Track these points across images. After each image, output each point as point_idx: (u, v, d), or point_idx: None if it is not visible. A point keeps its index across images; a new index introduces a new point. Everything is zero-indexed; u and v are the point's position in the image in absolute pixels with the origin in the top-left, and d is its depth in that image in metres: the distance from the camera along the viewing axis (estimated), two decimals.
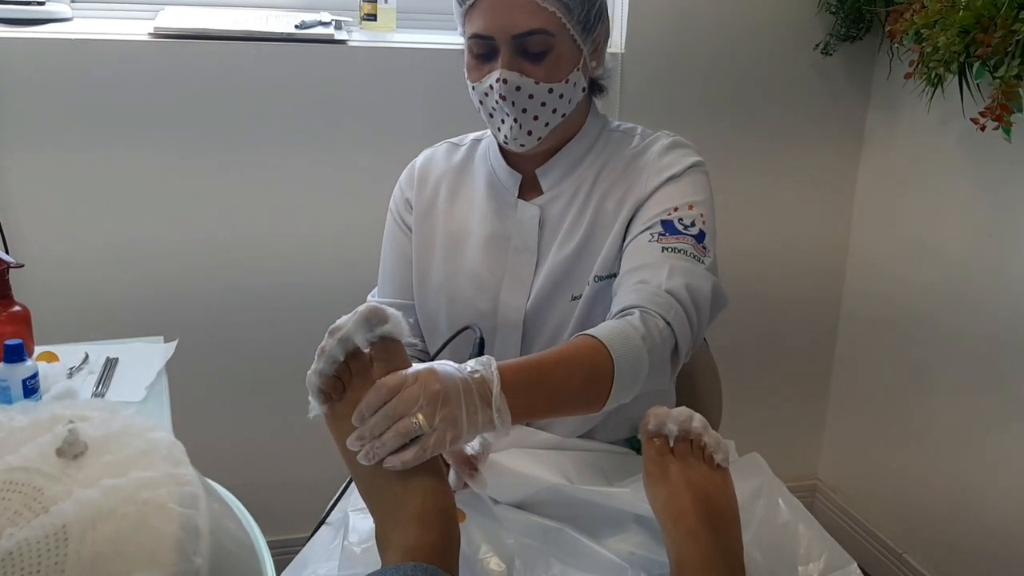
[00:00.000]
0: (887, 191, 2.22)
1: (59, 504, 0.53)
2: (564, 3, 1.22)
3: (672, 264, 1.19)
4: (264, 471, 2.07)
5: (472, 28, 1.24)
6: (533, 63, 1.23)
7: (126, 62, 1.81)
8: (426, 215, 1.40)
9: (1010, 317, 1.90)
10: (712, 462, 1.08)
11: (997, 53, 1.64)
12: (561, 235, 1.32)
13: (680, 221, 1.24)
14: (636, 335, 1.10)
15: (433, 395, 0.92)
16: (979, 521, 2.03)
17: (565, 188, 1.34)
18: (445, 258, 1.37)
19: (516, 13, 1.20)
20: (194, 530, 0.55)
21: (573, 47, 1.25)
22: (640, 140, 1.36)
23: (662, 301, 1.16)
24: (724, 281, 1.26)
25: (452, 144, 1.46)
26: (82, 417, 0.59)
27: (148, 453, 0.57)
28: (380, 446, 0.91)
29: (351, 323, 0.93)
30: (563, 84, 1.25)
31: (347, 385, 0.94)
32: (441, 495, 0.94)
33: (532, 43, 1.22)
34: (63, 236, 1.86)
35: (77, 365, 1.51)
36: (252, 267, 1.98)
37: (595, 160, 1.34)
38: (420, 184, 1.42)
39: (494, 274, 1.34)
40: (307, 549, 1.27)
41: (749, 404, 2.22)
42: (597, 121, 1.37)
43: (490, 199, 1.37)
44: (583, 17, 1.24)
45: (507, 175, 1.36)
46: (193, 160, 1.88)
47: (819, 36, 2.15)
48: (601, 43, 1.30)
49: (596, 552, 1.12)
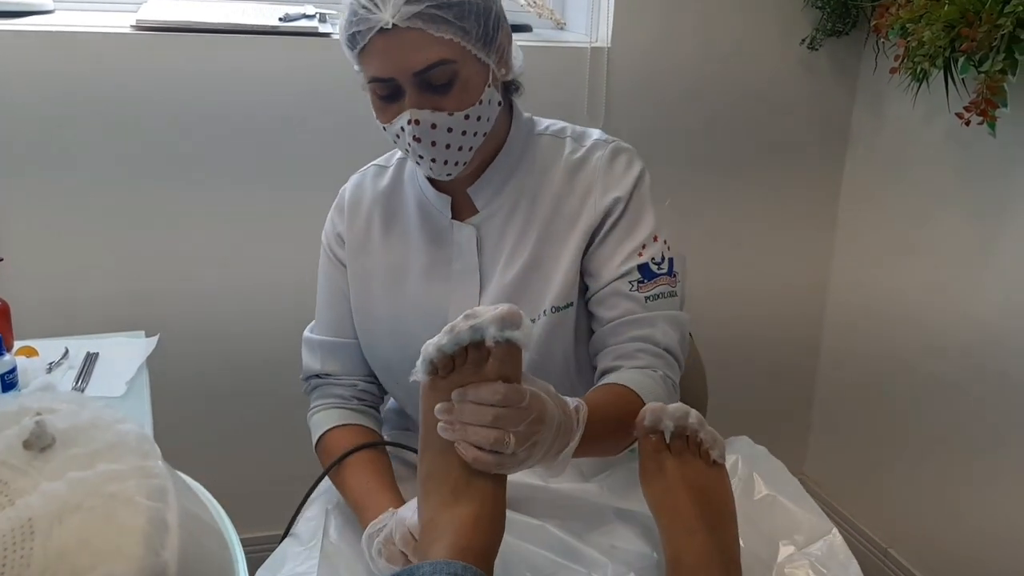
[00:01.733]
0: (873, 185, 2.23)
1: (25, 497, 0.52)
2: (459, 27, 1.14)
3: (661, 316, 1.24)
4: (243, 467, 2.06)
5: (370, 72, 1.16)
6: (441, 95, 1.15)
7: (108, 54, 1.79)
8: (360, 250, 1.35)
9: (996, 313, 1.90)
10: (708, 458, 1.09)
11: (982, 48, 1.64)
12: (505, 256, 1.27)
13: (653, 260, 1.25)
14: (667, 399, 1.17)
15: (533, 424, 0.94)
16: (964, 516, 2.04)
17: (501, 204, 1.29)
18: (387, 293, 1.32)
19: (411, 51, 1.12)
20: (162, 524, 0.54)
21: (478, 65, 1.17)
22: (574, 144, 1.31)
23: (668, 360, 1.24)
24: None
25: (378, 167, 1.39)
26: (50, 409, 0.58)
27: (116, 446, 0.57)
28: (463, 431, 0.93)
29: (488, 316, 0.94)
30: (477, 106, 1.18)
31: (457, 368, 0.95)
32: (499, 503, 0.96)
33: (435, 76, 1.14)
34: (42, 229, 1.84)
35: (57, 360, 1.51)
36: (235, 262, 1.97)
37: (529, 170, 1.29)
38: (351, 216, 1.36)
39: (439, 303, 1.29)
40: (284, 546, 1.26)
41: (734, 398, 2.22)
42: (522, 127, 1.31)
43: (424, 224, 1.32)
44: (481, 34, 1.16)
45: (437, 198, 1.31)
46: (175, 153, 1.87)
47: (805, 31, 2.15)
48: (505, 47, 1.22)
49: (577, 548, 1.12)
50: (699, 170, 2.20)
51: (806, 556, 1.15)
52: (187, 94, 1.85)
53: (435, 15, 1.12)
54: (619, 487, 1.20)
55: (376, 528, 1.15)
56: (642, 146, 2.13)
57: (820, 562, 1.14)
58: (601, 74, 2.05)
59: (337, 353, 1.37)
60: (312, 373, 1.38)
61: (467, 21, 1.14)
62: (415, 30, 1.11)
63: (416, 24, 1.11)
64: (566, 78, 2.04)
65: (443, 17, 1.12)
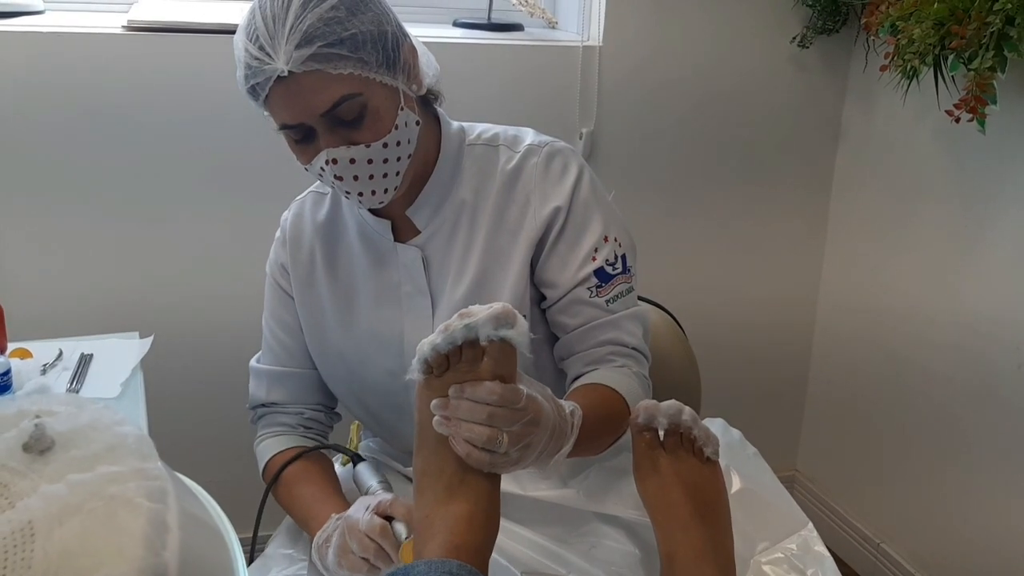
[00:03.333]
0: (863, 181, 2.23)
1: (25, 500, 0.52)
2: (357, 59, 1.09)
3: (624, 316, 1.26)
4: (238, 467, 2.06)
5: (278, 119, 1.14)
6: (354, 129, 1.12)
7: (99, 55, 1.79)
8: (307, 280, 1.33)
9: (986, 308, 1.92)
10: (702, 455, 1.09)
11: (971, 45, 1.65)
12: (452, 274, 1.26)
13: (607, 262, 1.25)
14: (644, 396, 1.21)
15: (528, 425, 0.95)
16: (956, 510, 2.05)
17: (442, 221, 1.27)
18: (339, 323, 1.31)
19: (312, 94, 1.09)
20: (162, 525, 0.54)
21: (386, 91, 1.13)
22: (508, 152, 1.28)
23: (638, 358, 1.26)
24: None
25: (317, 194, 1.36)
26: (49, 412, 0.58)
27: (116, 448, 0.57)
28: (457, 427, 0.93)
29: (483, 315, 0.94)
30: (393, 132, 1.14)
31: (451, 366, 0.96)
32: (493, 501, 0.96)
33: (344, 112, 1.11)
34: (36, 230, 1.84)
35: (51, 361, 1.50)
36: (229, 262, 1.96)
37: (467, 184, 1.27)
38: (294, 248, 1.34)
39: (393, 327, 1.27)
40: (269, 549, 1.26)
41: (727, 394, 2.22)
42: (453, 140, 1.28)
43: (367, 250, 1.29)
44: (382, 59, 1.12)
45: (376, 223, 1.28)
46: (168, 154, 1.87)
47: (796, 29, 2.16)
48: (411, 63, 1.18)
49: (557, 552, 1.12)
50: (690, 167, 2.21)
51: (782, 551, 1.16)
52: (179, 94, 1.84)
53: (329, 54, 1.08)
54: (596, 490, 1.21)
55: (323, 537, 1.14)
56: (634, 144, 2.16)
57: (796, 556, 1.15)
58: (593, 73, 2.06)
59: (284, 382, 1.35)
60: (258, 403, 1.37)
61: (363, 51, 1.10)
62: (312, 72, 1.08)
63: (312, 66, 1.07)
64: (558, 77, 2.05)
65: (337, 54, 1.08)
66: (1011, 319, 1.86)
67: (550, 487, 1.22)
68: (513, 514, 1.16)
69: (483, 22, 2.08)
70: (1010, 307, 1.86)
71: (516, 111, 1.96)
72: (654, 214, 2.20)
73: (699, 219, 2.25)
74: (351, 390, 1.33)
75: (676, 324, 1.62)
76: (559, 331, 1.28)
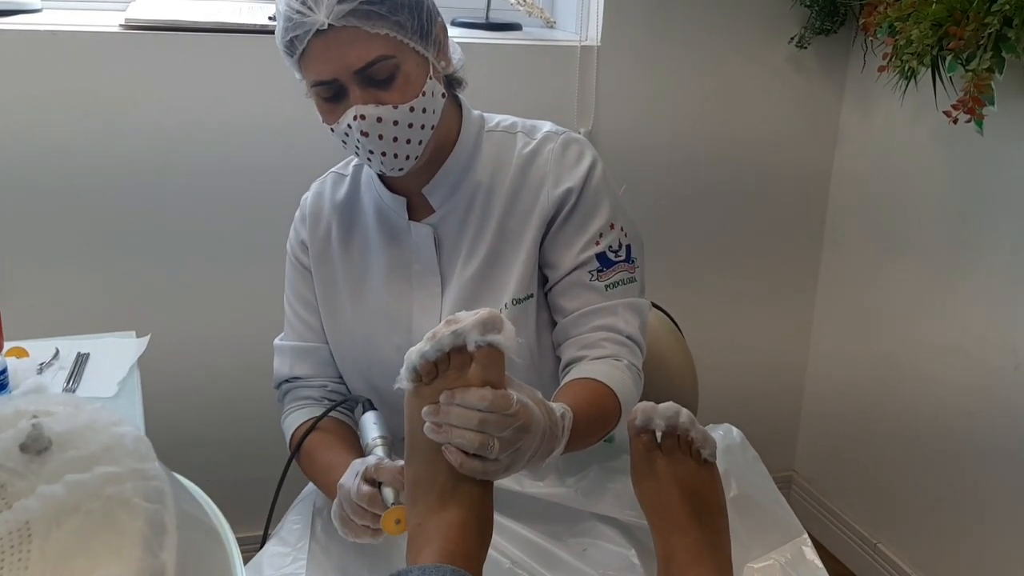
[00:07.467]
0: (861, 182, 2.24)
1: (23, 500, 0.52)
2: (395, 21, 1.15)
3: (622, 304, 1.27)
4: (235, 467, 2.06)
5: (312, 76, 1.18)
6: (384, 89, 1.17)
7: (96, 54, 1.78)
8: (322, 256, 1.37)
9: (983, 308, 1.92)
10: (699, 457, 1.09)
11: (969, 46, 1.65)
12: (463, 254, 1.29)
13: (611, 249, 1.27)
14: (636, 390, 1.21)
15: (519, 431, 0.95)
16: (953, 510, 2.05)
17: (457, 202, 1.30)
18: (351, 297, 1.34)
19: (349, 50, 1.14)
20: (160, 526, 0.54)
21: (418, 58, 1.19)
22: (526, 138, 1.32)
23: (631, 348, 1.26)
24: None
25: (338, 174, 1.41)
26: (46, 412, 0.58)
27: (113, 448, 0.56)
28: (448, 433, 0.93)
29: (469, 322, 0.94)
30: (420, 98, 1.19)
31: (440, 373, 0.96)
32: (486, 507, 0.96)
33: (377, 71, 1.16)
34: (32, 229, 1.83)
35: (47, 360, 1.50)
36: (226, 262, 1.96)
37: (483, 167, 1.30)
38: (312, 224, 1.38)
39: (402, 304, 1.31)
40: (268, 547, 1.26)
41: (724, 397, 2.22)
42: (473, 124, 1.32)
43: (382, 228, 1.33)
44: (416, 27, 1.18)
45: (392, 200, 1.32)
46: (165, 152, 1.86)
47: (794, 29, 2.16)
48: (442, 40, 1.24)
49: (551, 551, 1.12)
50: (687, 164, 2.21)
51: (775, 559, 1.16)
52: (177, 93, 1.84)
53: (368, 11, 1.13)
54: (593, 490, 1.21)
55: (335, 506, 1.15)
56: (631, 144, 2.15)
57: (789, 564, 1.15)
58: (591, 72, 2.06)
59: (306, 357, 1.38)
60: (282, 378, 1.40)
61: (401, 15, 1.16)
62: (351, 28, 1.13)
63: (351, 22, 1.13)
64: (556, 77, 2.05)
65: (377, 12, 1.14)
66: (1008, 320, 1.86)
67: (548, 484, 1.22)
68: (508, 510, 1.16)
69: (481, 21, 2.08)
70: (1007, 308, 1.86)
71: (514, 111, 1.94)
72: (652, 214, 2.20)
73: (696, 219, 2.25)
74: (359, 369, 1.35)
75: (674, 325, 1.62)
76: (557, 315, 1.29)
